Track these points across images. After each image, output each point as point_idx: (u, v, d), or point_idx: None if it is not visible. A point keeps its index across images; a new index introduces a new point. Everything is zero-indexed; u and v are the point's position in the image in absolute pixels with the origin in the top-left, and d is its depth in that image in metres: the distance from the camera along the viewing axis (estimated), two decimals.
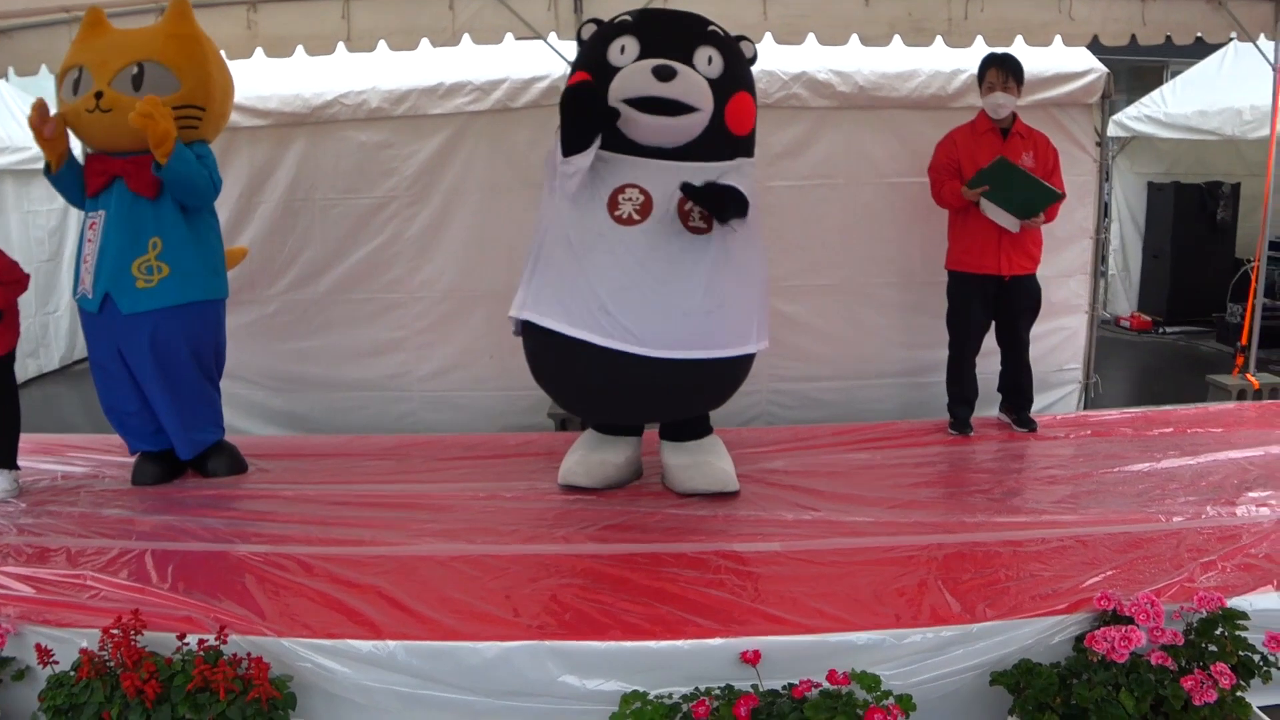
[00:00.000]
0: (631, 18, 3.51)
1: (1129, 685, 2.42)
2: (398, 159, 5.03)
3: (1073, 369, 5.60)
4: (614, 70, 3.38)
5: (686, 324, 3.42)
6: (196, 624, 2.70)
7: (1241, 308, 6.81)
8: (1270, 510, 3.51)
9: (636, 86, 3.32)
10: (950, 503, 3.74)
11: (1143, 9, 5.03)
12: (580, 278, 3.43)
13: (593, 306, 3.40)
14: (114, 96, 3.69)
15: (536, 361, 3.71)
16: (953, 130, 4.62)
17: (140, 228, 3.80)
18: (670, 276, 3.41)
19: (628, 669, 2.59)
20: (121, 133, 3.69)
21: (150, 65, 3.74)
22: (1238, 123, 7.26)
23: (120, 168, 3.79)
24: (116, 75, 3.72)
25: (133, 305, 3.80)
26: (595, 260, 3.41)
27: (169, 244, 3.82)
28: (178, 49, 3.80)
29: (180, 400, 3.95)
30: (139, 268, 3.79)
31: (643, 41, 3.40)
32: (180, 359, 3.91)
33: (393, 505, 3.73)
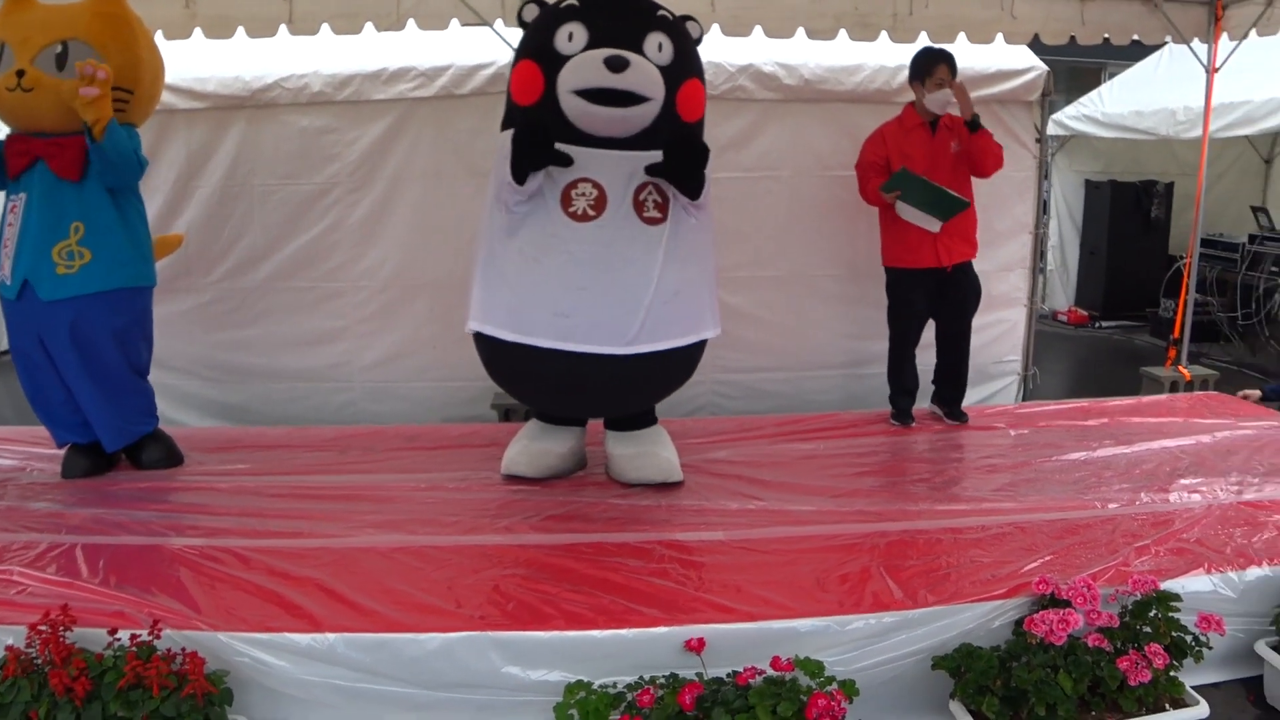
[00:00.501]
0: (578, 2, 3.39)
1: (1067, 667, 2.46)
2: (340, 145, 4.94)
3: (1012, 361, 5.70)
4: (562, 59, 3.28)
5: (645, 317, 3.41)
6: (128, 619, 2.62)
7: (1174, 303, 6.97)
8: (1201, 497, 3.61)
9: (588, 78, 3.23)
10: (892, 491, 3.78)
11: (1082, 9, 5.14)
12: (537, 284, 3.39)
13: (549, 312, 3.37)
14: (36, 75, 3.55)
15: (493, 368, 3.69)
16: (881, 126, 4.62)
17: (62, 211, 3.67)
18: (627, 270, 3.39)
19: (571, 659, 2.57)
20: (44, 113, 3.57)
21: (75, 44, 3.60)
22: (1171, 123, 7.44)
23: (42, 149, 3.65)
24: (40, 53, 3.57)
25: (52, 292, 3.67)
26: (550, 263, 3.37)
27: (93, 228, 3.69)
28: (105, 28, 3.67)
29: (105, 390, 3.83)
30: (59, 253, 3.66)
31: (590, 28, 3.29)
32: (104, 348, 3.78)
33: (333, 497, 3.66)
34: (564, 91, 3.27)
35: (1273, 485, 3.73)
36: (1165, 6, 5.22)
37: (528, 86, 3.33)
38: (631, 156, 3.38)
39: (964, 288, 4.67)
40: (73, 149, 3.63)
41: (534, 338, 3.39)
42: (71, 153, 3.63)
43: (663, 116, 3.36)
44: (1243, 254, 7.81)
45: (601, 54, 3.22)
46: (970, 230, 4.63)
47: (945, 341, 4.81)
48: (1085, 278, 9.20)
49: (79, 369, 3.77)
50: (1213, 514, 3.42)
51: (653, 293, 3.41)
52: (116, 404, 3.88)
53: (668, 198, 3.47)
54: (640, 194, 3.40)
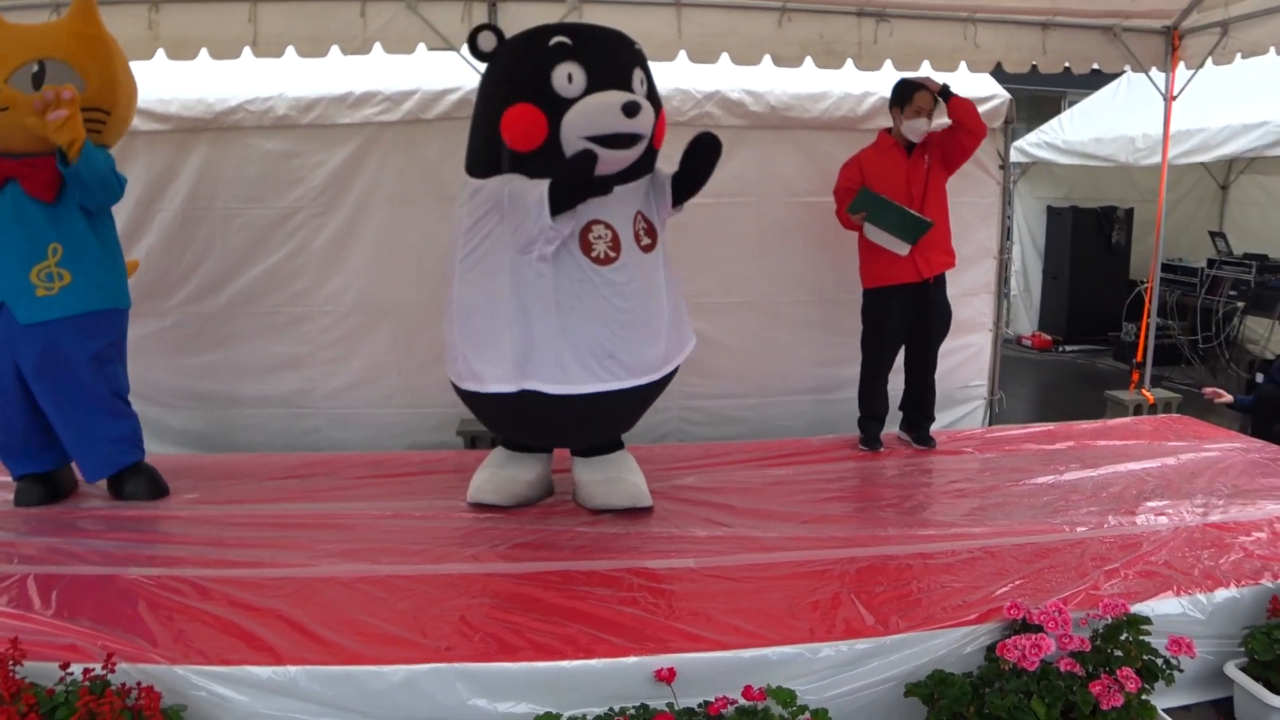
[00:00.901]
0: (569, 40, 3.29)
1: (1040, 692, 2.45)
2: (304, 168, 4.89)
3: (978, 386, 5.73)
4: (565, 101, 3.21)
5: (664, 343, 3.52)
6: (81, 652, 2.54)
7: (1136, 327, 7.06)
8: (1168, 519, 3.62)
9: (607, 124, 3.21)
10: (862, 517, 3.77)
11: (1043, 38, 5.23)
12: (578, 331, 3.34)
13: (598, 355, 3.36)
14: (11, 94, 3.47)
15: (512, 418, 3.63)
16: (858, 153, 4.66)
17: (38, 233, 3.59)
18: (649, 302, 3.46)
19: (540, 690, 2.53)
20: (17, 132, 3.49)
21: (53, 63, 3.53)
22: (1131, 150, 7.57)
23: (15, 169, 3.57)
24: (15, 72, 3.50)
25: (30, 315, 3.58)
26: (589, 308, 3.34)
27: (70, 249, 3.62)
28: (83, 48, 3.61)
29: (85, 416, 3.74)
30: (38, 275, 3.58)
31: (588, 69, 3.23)
32: (83, 371, 3.68)
33: (295, 525, 3.59)
34: (572, 135, 3.22)
35: (1237, 507, 3.76)
36: (1124, 36, 5.33)
37: (531, 131, 3.23)
38: (623, 190, 3.40)
39: (935, 310, 4.70)
40: (47, 169, 3.56)
41: (584, 385, 3.36)
42: (46, 173, 3.56)
43: (646, 149, 3.41)
44: (1202, 278, 7.95)
45: (618, 99, 3.19)
46: (945, 240, 4.68)
47: (914, 368, 4.83)
48: (1048, 303, 9.32)
49: (57, 394, 3.68)
50: (1180, 536, 3.43)
51: (668, 317, 3.54)
52: (98, 431, 3.78)
53: (653, 223, 3.53)
54: (636, 225, 3.44)
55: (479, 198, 3.38)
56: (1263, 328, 7.64)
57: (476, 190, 3.39)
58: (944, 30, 5.06)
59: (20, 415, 3.73)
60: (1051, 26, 5.20)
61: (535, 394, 3.36)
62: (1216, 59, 5.33)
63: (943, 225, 4.62)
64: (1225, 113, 6.84)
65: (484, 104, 3.45)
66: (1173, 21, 5.38)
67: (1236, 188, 8.89)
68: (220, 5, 4.46)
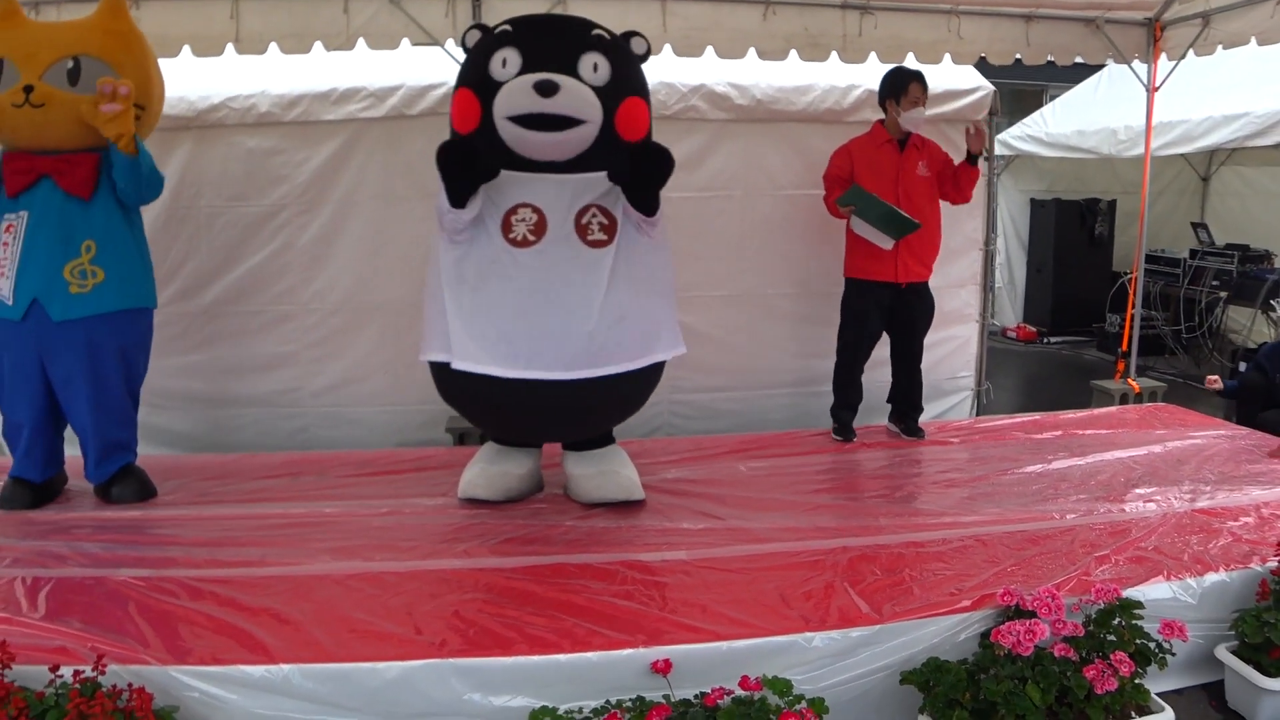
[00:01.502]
0: (512, 27, 3.37)
1: (1035, 677, 2.46)
2: (288, 166, 4.85)
3: (965, 377, 5.75)
4: (497, 85, 3.24)
5: (589, 343, 3.36)
6: (71, 654, 2.51)
7: (1120, 318, 7.10)
8: (1157, 505, 3.65)
9: (520, 104, 3.21)
10: (853, 507, 3.78)
11: (1027, 30, 5.26)
12: (479, 311, 3.36)
13: (491, 337, 3.34)
14: (48, 91, 3.45)
15: (447, 395, 3.67)
16: (850, 141, 4.69)
17: (72, 230, 3.56)
18: (567, 294, 3.34)
19: (535, 684, 2.52)
20: (54, 129, 3.49)
21: (87, 59, 3.51)
22: (1113, 142, 7.62)
23: (50, 166, 3.54)
24: (49, 69, 3.47)
25: (65, 312, 3.56)
26: (491, 289, 3.34)
27: (104, 247, 3.60)
28: (118, 44, 3.60)
29: (103, 416, 3.72)
30: (72, 272, 3.55)
31: (524, 53, 3.26)
32: (111, 369, 3.68)
33: (285, 524, 3.56)
34: (499, 118, 3.24)
35: (1224, 493, 3.79)
36: (1106, 28, 5.36)
37: (466, 115, 3.29)
38: (572, 180, 3.35)
39: (916, 306, 4.72)
40: (84, 166, 3.55)
41: (480, 365, 3.34)
42: (83, 170, 3.55)
43: (602, 138, 3.32)
44: (1184, 269, 8.00)
45: (531, 79, 3.19)
46: (929, 255, 4.72)
47: (899, 359, 4.85)
48: (1033, 295, 9.37)
49: (83, 392, 3.66)
50: (1169, 522, 3.46)
51: (596, 317, 3.36)
52: (107, 431, 3.76)
53: (615, 219, 3.42)
54: (583, 217, 3.37)
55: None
56: (1245, 317, 7.69)
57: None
58: (928, 23, 5.08)
59: (36, 417, 3.71)
60: (1034, 19, 5.22)
61: (441, 367, 3.45)
62: (1198, 50, 5.36)
63: (931, 236, 4.66)
64: (1206, 104, 6.88)
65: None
66: (1154, 13, 5.41)
67: (1218, 179, 8.95)
68: (202, 2, 4.43)
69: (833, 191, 4.64)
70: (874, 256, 4.59)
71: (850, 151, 4.63)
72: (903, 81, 4.52)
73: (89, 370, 3.64)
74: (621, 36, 3.51)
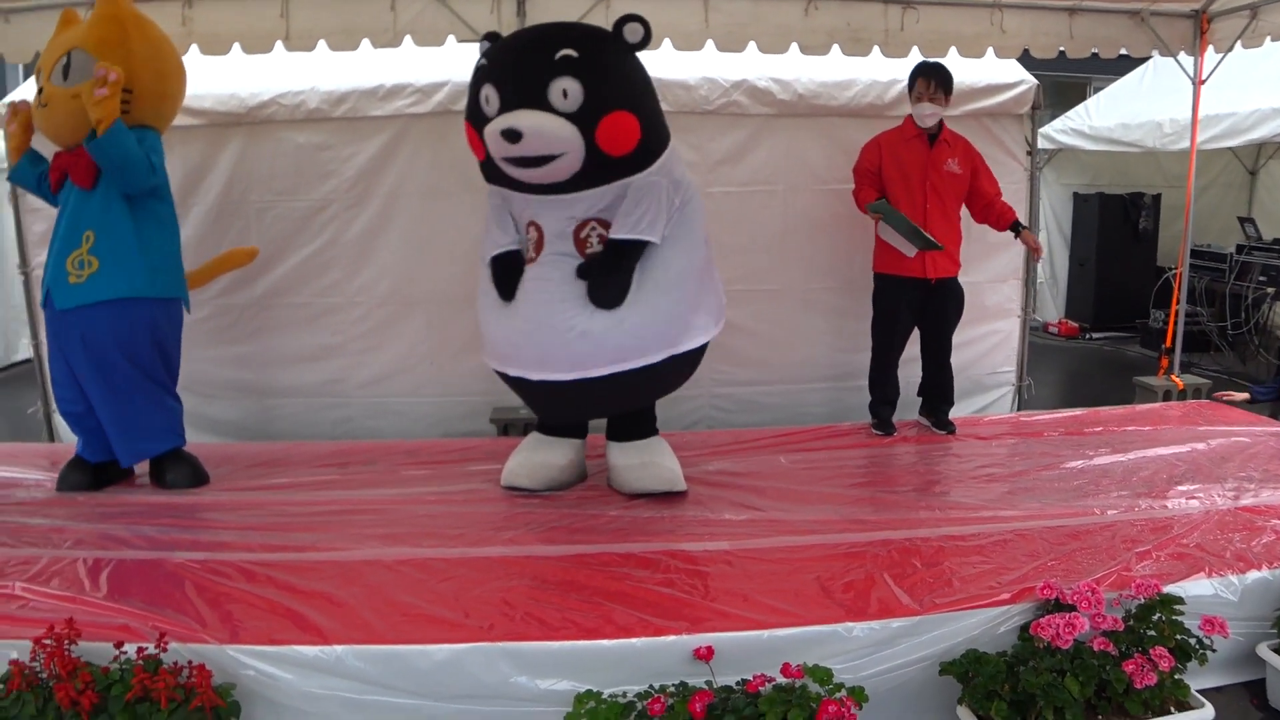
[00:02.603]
0: (488, 60, 3.49)
1: (1074, 670, 2.47)
2: (336, 161, 4.95)
3: (1006, 372, 5.73)
4: (486, 121, 3.40)
5: (590, 346, 3.42)
6: (134, 632, 2.60)
7: (1164, 314, 7.03)
8: (1199, 502, 3.63)
9: (498, 149, 3.38)
10: (893, 500, 3.79)
11: (1070, 23, 5.22)
12: (497, 321, 3.60)
13: (506, 345, 3.59)
14: (51, 90, 3.63)
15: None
16: (880, 134, 4.70)
17: (77, 220, 3.70)
18: (559, 308, 3.44)
19: (581, 668, 2.57)
20: (60, 125, 3.65)
21: (76, 53, 3.65)
22: (1158, 135, 7.52)
23: (67, 161, 3.72)
24: (54, 69, 3.66)
25: (64, 300, 3.70)
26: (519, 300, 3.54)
27: (102, 237, 3.69)
28: (99, 31, 3.69)
29: (119, 403, 3.80)
30: (72, 262, 3.68)
31: (499, 90, 3.36)
32: (113, 359, 3.74)
33: (335, 511, 3.66)
34: (494, 155, 3.43)
35: (1269, 490, 3.76)
36: (1152, 20, 5.31)
37: (474, 146, 3.54)
38: (571, 199, 3.48)
39: (946, 299, 4.73)
40: (85, 157, 3.67)
41: (504, 367, 3.62)
42: (85, 161, 3.67)
43: (590, 158, 3.37)
44: (1230, 264, 7.89)
45: (500, 125, 3.31)
46: (955, 249, 4.71)
47: (930, 353, 4.85)
48: (1075, 290, 9.28)
49: (92, 380, 3.76)
50: (1211, 519, 3.44)
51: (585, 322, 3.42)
52: (131, 418, 3.84)
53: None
54: (582, 231, 3.51)
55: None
56: None
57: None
58: (970, 16, 5.06)
59: (78, 400, 3.85)
60: (1078, 11, 5.18)
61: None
62: (1245, 42, 5.29)
63: (954, 234, 4.67)
64: (1254, 97, 6.79)
65: None
66: (1201, 5, 5.35)
67: (1266, 173, 8.82)
68: (253, 1, 4.53)
69: (862, 185, 4.67)
70: (902, 253, 4.61)
71: (879, 145, 4.65)
72: (911, 77, 4.59)
73: (88, 358, 3.73)
74: (615, 27, 3.50)
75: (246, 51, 4.57)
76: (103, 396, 3.79)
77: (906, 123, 4.67)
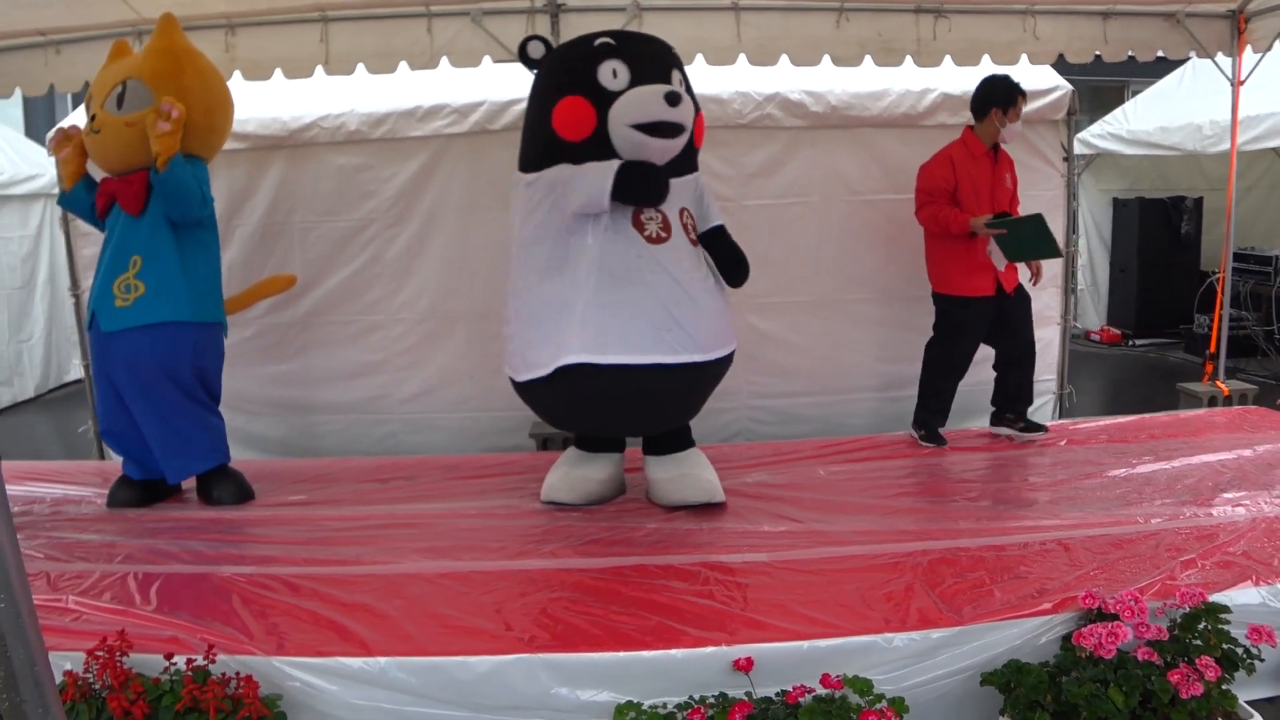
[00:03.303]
0: (613, 40, 3.54)
1: (1117, 681, 2.45)
2: (376, 181, 5.04)
3: (1048, 380, 5.67)
4: (610, 94, 3.43)
5: (720, 324, 3.62)
6: (182, 644, 2.66)
7: (1208, 319, 6.93)
8: (1245, 510, 3.58)
9: (651, 112, 3.39)
10: (932, 510, 3.77)
11: (1105, 27, 5.18)
12: (633, 304, 3.42)
13: (659, 326, 3.43)
14: (104, 117, 3.76)
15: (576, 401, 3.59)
16: (946, 150, 4.57)
17: (125, 245, 3.82)
18: (700, 287, 3.57)
19: (621, 679, 2.59)
20: (111, 152, 3.77)
21: (132, 83, 3.78)
22: (1198, 138, 7.43)
23: (116, 187, 3.84)
24: (108, 96, 3.79)
25: (110, 323, 3.80)
26: (650, 281, 3.45)
27: (149, 262, 3.81)
28: (153, 63, 3.82)
29: (163, 423, 3.90)
30: (118, 286, 3.79)
31: (631, 65, 3.47)
32: (157, 381, 3.84)
33: (377, 525, 3.71)
34: (619, 125, 3.41)
35: None
36: (1187, 21, 5.26)
37: (580, 121, 3.44)
38: (679, 183, 3.59)
39: (1019, 307, 4.70)
40: (136, 184, 3.79)
41: (645, 355, 3.41)
42: (134, 188, 3.79)
43: (687, 145, 3.58)
44: (1276, 267, 7.76)
45: (660, 90, 3.40)
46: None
47: (1014, 360, 4.76)
48: (1117, 296, 9.16)
49: (137, 400, 3.86)
50: (1258, 527, 3.39)
51: (720, 302, 3.66)
52: (175, 437, 3.93)
53: (697, 222, 3.70)
54: (684, 217, 3.63)
55: (535, 187, 3.53)
56: None
57: (532, 181, 3.55)
58: (1003, 23, 5.04)
59: (119, 419, 3.95)
60: (1113, 15, 5.15)
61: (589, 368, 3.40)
62: None
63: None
64: None
65: (535, 103, 3.66)
66: (1238, 5, 5.30)
67: None
68: (293, 26, 4.65)
69: (941, 203, 4.48)
70: (974, 272, 4.52)
71: (953, 162, 4.50)
72: (1012, 94, 4.44)
73: (133, 379, 3.83)
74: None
75: (288, 76, 4.69)
76: (148, 417, 3.88)
77: (971, 139, 4.54)
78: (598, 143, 3.44)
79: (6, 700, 1.09)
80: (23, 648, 1.12)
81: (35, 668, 1.13)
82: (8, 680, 1.10)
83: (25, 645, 1.12)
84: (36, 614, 1.16)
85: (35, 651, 1.14)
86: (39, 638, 1.16)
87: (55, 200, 5.58)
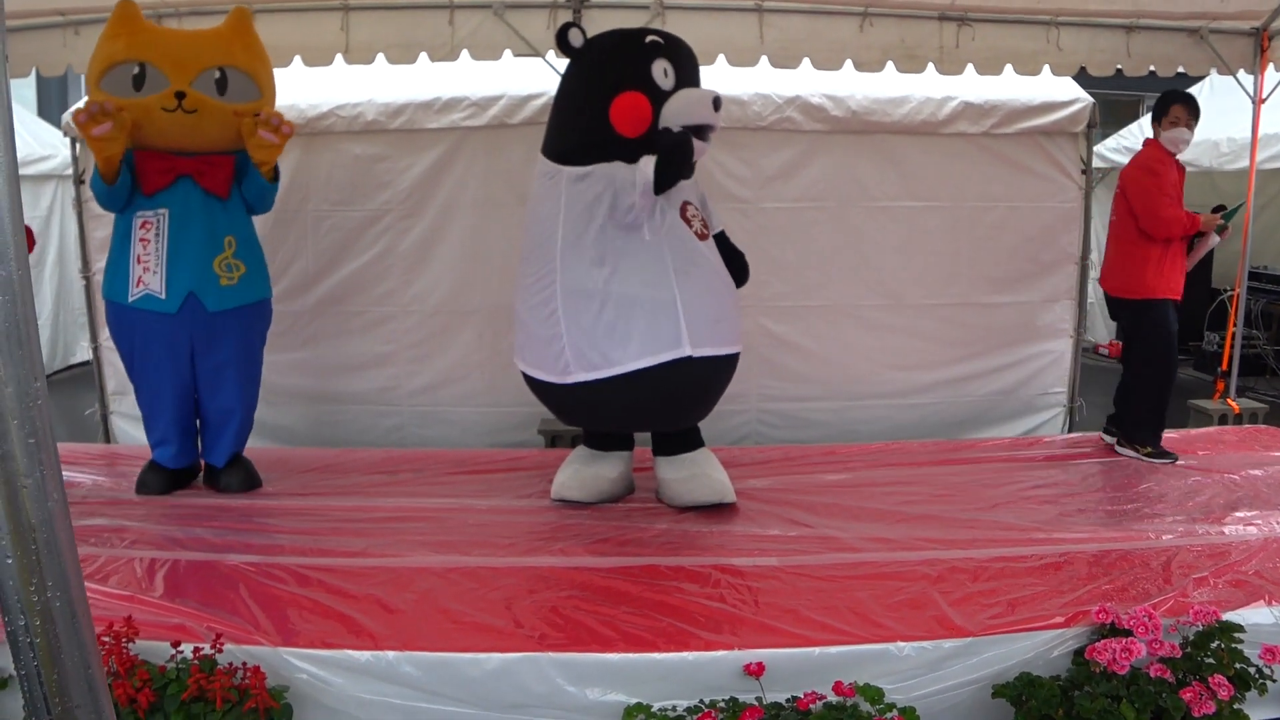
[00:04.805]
0: (662, 40, 3.58)
1: (1130, 697, 2.44)
2: (392, 172, 5.02)
3: (1058, 392, 5.66)
4: (663, 93, 3.47)
5: (739, 319, 3.72)
6: (190, 632, 2.65)
7: (1219, 336, 6.90)
8: (1257, 529, 3.56)
9: (701, 115, 3.46)
10: (944, 520, 3.75)
11: (1128, 41, 5.16)
12: (697, 298, 3.49)
13: (708, 321, 3.52)
14: (198, 98, 3.69)
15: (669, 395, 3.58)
16: (1157, 157, 4.55)
17: (214, 226, 3.84)
18: (727, 279, 3.70)
19: (632, 681, 2.58)
20: (204, 134, 3.75)
21: (232, 71, 3.79)
22: (1215, 155, 7.41)
23: (192, 166, 3.79)
24: (198, 77, 3.72)
25: (219, 303, 3.83)
26: (700, 277, 3.53)
27: (242, 242, 3.92)
28: (257, 60, 3.91)
29: (238, 402, 4.01)
30: (220, 265, 3.83)
31: (677, 67, 3.53)
32: (257, 356, 4.07)
33: (385, 518, 3.70)
34: (671, 125, 3.46)
35: None
36: (1211, 38, 5.23)
37: (641, 118, 3.44)
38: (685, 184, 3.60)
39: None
40: (225, 168, 3.84)
41: (709, 348, 3.52)
42: (225, 171, 3.84)
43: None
44: None
45: (710, 94, 3.49)
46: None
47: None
48: None
49: (233, 376, 3.96)
50: (1270, 546, 3.37)
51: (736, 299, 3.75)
52: (241, 417, 4.04)
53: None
54: (703, 212, 3.73)
55: (587, 182, 3.45)
56: None
57: (583, 175, 3.46)
58: (1026, 34, 5.02)
59: (179, 406, 3.96)
60: (1136, 29, 5.12)
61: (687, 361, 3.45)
62: None
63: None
64: None
65: (584, 92, 3.59)
66: (1262, 23, 5.27)
67: None
68: (313, 14, 4.63)
69: (1176, 203, 4.50)
70: (1176, 273, 4.58)
71: (1171, 167, 4.55)
72: (1166, 104, 4.52)
73: (242, 355, 3.96)
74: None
75: (307, 64, 4.66)
76: (240, 391, 4.00)
77: (1159, 150, 4.56)
78: (649, 141, 3.44)
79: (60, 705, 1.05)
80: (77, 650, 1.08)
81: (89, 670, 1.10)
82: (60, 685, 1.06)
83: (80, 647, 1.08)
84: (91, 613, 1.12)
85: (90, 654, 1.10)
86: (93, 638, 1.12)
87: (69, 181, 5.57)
